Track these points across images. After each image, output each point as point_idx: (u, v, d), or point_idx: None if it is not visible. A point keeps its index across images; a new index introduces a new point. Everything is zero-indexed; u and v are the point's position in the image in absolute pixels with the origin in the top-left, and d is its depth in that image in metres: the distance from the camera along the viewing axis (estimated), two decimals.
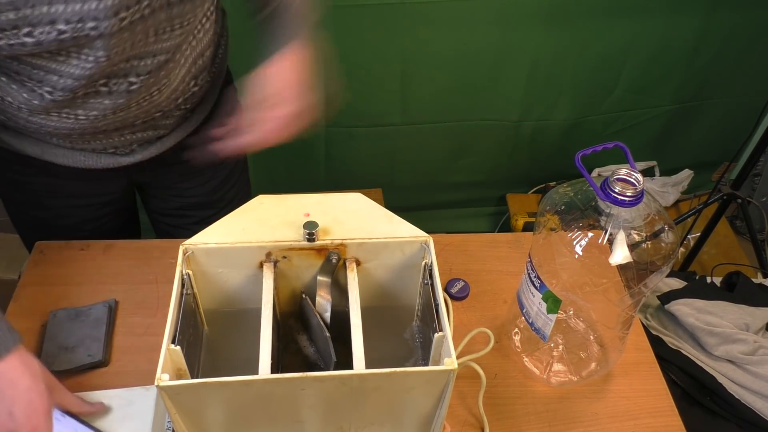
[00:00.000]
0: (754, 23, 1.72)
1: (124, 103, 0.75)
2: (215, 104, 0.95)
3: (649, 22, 1.65)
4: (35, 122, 0.76)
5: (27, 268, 0.90)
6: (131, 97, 0.75)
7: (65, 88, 0.69)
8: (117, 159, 0.88)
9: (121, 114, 0.78)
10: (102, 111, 0.75)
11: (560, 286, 0.72)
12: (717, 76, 1.84)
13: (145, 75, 0.73)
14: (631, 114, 1.87)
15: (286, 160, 1.77)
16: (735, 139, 1.77)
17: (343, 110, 1.70)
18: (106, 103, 0.74)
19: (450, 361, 0.58)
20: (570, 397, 0.81)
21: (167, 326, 0.59)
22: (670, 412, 0.81)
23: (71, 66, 0.66)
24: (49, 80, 0.68)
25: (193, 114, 0.92)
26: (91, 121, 0.76)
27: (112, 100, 0.74)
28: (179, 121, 0.90)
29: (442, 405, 0.63)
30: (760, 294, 1.48)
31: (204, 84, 0.89)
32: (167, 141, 0.90)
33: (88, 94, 0.72)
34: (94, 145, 0.84)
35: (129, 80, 0.73)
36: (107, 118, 0.77)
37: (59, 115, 0.75)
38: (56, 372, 0.77)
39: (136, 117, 0.81)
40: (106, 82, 0.72)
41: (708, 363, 1.34)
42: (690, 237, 1.89)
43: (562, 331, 0.85)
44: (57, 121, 0.76)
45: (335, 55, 0.86)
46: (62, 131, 0.78)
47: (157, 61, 0.73)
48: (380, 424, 0.66)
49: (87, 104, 0.74)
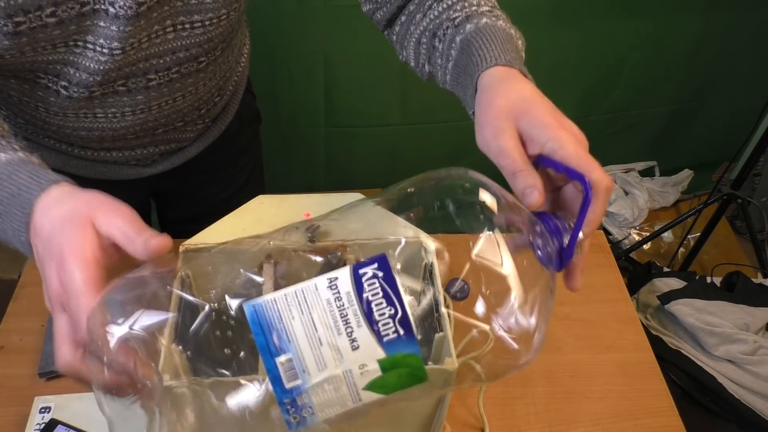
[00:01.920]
0: (754, 23, 1.73)
1: (144, 101, 0.74)
2: (236, 114, 0.94)
3: (649, 22, 1.66)
4: (54, 123, 0.75)
5: (27, 268, 0.90)
6: (150, 96, 0.73)
7: (81, 83, 0.67)
8: (139, 170, 0.87)
9: (141, 116, 0.76)
10: (120, 109, 0.73)
11: None
12: (717, 76, 1.84)
13: (164, 71, 0.72)
14: (631, 114, 1.87)
15: (286, 160, 1.77)
16: (735, 139, 1.78)
17: (343, 110, 1.70)
18: (125, 100, 0.72)
19: (450, 361, 0.58)
20: (570, 397, 0.81)
21: (167, 326, 0.59)
22: (670, 412, 0.81)
23: (87, 59, 0.65)
24: (66, 74, 0.67)
25: (214, 124, 0.91)
26: (109, 120, 0.75)
27: (131, 97, 0.72)
28: (201, 131, 0.90)
29: (442, 405, 0.63)
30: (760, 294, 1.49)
31: (226, 95, 0.88)
32: (189, 151, 0.90)
33: (106, 94, 0.71)
34: (116, 156, 0.84)
35: (147, 77, 0.71)
36: (126, 118, 0.75)
37: (77, 116, 0.73)
38: (56, 372, 0.77)
39: (157, 123, 0.79)
40: (125, 82, 0.70)
41: (708, 363, 1.34)
42: (690, 237, 1.89)
43: None
44: (75, 121, 0.74)
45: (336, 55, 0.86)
46: (81, 133, 0.77)
47: (176, 58, 0.71)
48: (380, 424, 0.66)
49: (105, 102, 0.72)
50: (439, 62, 0.66)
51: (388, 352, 0.41)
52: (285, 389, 0.41)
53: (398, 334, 0.41)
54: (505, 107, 0.52)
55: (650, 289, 1.56)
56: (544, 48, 1.62)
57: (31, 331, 0.82)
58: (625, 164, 2.05)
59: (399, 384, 0.42)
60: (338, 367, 0.41)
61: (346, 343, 0.40)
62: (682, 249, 1.90)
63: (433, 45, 0.66)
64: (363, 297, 0.41)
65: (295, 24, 1.50)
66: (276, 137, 1.66)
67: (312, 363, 0.40)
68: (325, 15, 1.49)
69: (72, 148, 0.82)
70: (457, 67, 0.62)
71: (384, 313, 0.40)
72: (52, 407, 0.73)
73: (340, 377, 0.41)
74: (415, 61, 0.71)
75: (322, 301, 0.41)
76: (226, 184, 1.03)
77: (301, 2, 1.46)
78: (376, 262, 0.41)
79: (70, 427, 0.72)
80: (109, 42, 0.63)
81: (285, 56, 1.56)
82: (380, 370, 0.41)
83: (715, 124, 1.96)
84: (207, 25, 0.70)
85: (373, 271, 0.41)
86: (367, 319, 0.40)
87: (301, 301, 0.41)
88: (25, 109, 0.74)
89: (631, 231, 2.01)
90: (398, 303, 0.41)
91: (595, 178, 0.47)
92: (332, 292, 0.41)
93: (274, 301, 0.41)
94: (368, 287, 0.41)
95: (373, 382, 0.41)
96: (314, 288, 0.41)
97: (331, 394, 0.41)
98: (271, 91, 1.61)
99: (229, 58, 0.83)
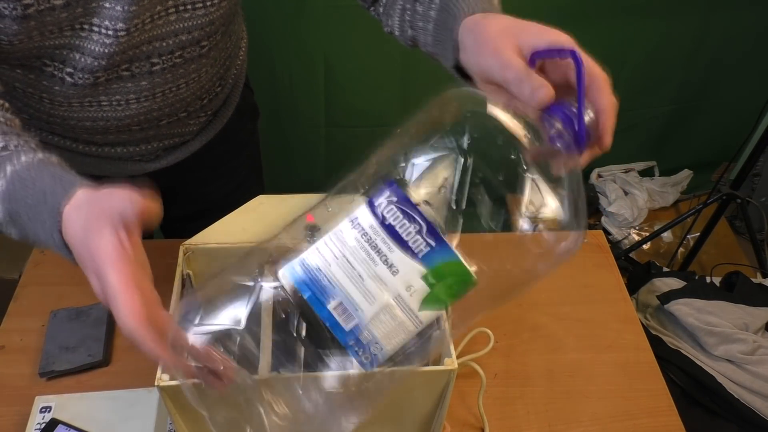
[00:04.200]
0: (754, 23, 1.73)
1: (148, 88, 0.74)
2: (236, 109, 0.95)
3: (649, 22, 1.66)
4: (58, 115, 0.75)
5: (27, 268, 0.91)
6: (154, 83, 0.74)
7: (86, 68, 0.68)
8: (142, 166, 0.88)
9: (146, 104, 0.76)
10: (125, 96, 0.74)
11: None
12: (717, 76, 1.84)
13: (168, 55, 0.72)
14: (631, 114, 1.87)
15: (286, 160, 1.77)
16: (734, 139, 1.78)
17: (343, 110, 1.70)
18: (129, 86, 0.73)
19: (450, 361, 0.58)
20: (570, 397, 0.81)
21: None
22: (670, 411, 0.81)
23: (92, 42, 0.66)
24: (71, 59, 0.67)
25: (216, 117, 0.92)
26: (114, 109, 0.75)
27: (135, 83, 0.73)
28: (203, 124, 0.90)
29: (442, 405, 0.63)
30: (760, 294, 1.49)
31: (227, 86, 0.89)
32: (192, 145, 0.91)
33: (110, 80, 0.71)
34: (121, 152, 0.84)
35: (151, 61, 0.72)
36: (131, 106, 0.75)
37: (81, 104, 0.74)
38: (57, 372, 0.77)
39: (161, 113, 0.79)
40: (129, 66, 0.71)
41: (707, 363, 1.34)
42: (689, 237, 1.89)
43: None
44: (79, 111, 0.74)
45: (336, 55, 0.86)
46: (86, 123, 0.77)
47: (179, 41, 0.72)
48: (380, 424, 0.66)
49: (109, 89, 0.72)
50: (420, 24, 0.67)
51: (427, 266, 0.43)
52: (346, 332, 0.43)
53: (430, 246, 0.43)
54: (501, 28, 0.54)
55: (650, 288, 1.56)
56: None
57: (32, 331, 0.82)
58: (624, 164, 2.05)
59: (451, 294, 0.44)
60: (386, 294, 0.43)
61: (385, 270, 0.43)
62: (682, 249, 1.90)
63: (415, 9, 0.68)
64: (386, 224, 0.43)
65: (295, 24, 1.50)
66: (276, 137, 1.66)
67: (361, 299, 0.43)
68: (326, 15, 1.49)
69: (76, 144, 0.82)
70: (438, 26, 0.64)
71: (410, 231, 0.43)
72: (52, 407, 0.73)
73: (392, 304, 0.43)
74: (400, 29, 0.72)
75: (350, 241, 0.43)
76: (226, 179, 1.03)
77: (301, 2, 1.46)
78: (387, 189, 0.44)
79: (71, 426, 0.72)
80: (114, 23, 0.64)
81: (285, 56, 1.56)
82: (427, 286, 0.43)
83: (715, 124, 1.96)
84: (208, 6, 0.71)
85: (387, 199, 0.43)
86: (396, 241, 0.43)
87: (332, 248, 0.43)
88: (29, 102, 0.74)
89: (631, 231, 2.01)
90: (419, 218, 0.43)
91: (588, 67, 0.48)
92: (357, 231, 0.43)
93: (309, 256, 0.44)
94: (387, 214, 0.43)
95: (425, 299, 0.43)
96: (340, 233, 0.44)
97: (390, 324, 0.43)
98: (271, 91, 1.61)
99: (228, 44, 0.84)
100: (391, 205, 0.43)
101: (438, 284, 0.43)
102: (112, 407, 0.75)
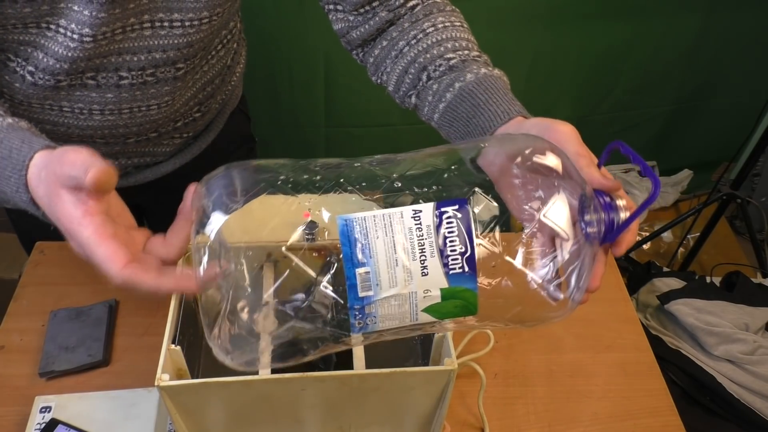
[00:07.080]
0: (754, 23, 1.73)
1: (114, 101, 0.72)
2: (221, 132, 0.92)
3: (649, 22, 1.66)
4: (17, 114, 0.72)
5: (27, 268, 0.91)
6: (121, 97, 0.72)
7: (47, 69, 0.66)
8: None
9: (111, 118, 0.74)
10: (88, 105, 0.71)
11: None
12: (717, 76, 1.84)
13: (138, 71, 0.70)
14: (631, 114, 1.87)
15: None
16: (734, 139, 1.78)
17: (343, 110, 1.70)
18: (93, 96, 0.71)
19: (450, 361, 0.58)
20: (570, 397, 0.81)
21: (167, 326, 0.59)
22: (670, 411, 0.81)
23: (56, 43, 0.64)
24: (34, 58, 0.65)
25: (195, 141, 0.89)
26: (76, 117, 0.73)
27: (100, 94, 0.71)
28: (179, 147, 0.87)
29: (442, 405, 0.63)
30: (760, 294, 1.49)
31: (209, 112, 0.86)
32: (164, 167, 0.87)
33: (74, 86, 0.69)
34: None
35: (119, 74, 0.70)
36: (94, 117, 0.73)
37: (42, 107, 0.72)
38: (57, 372, 0.77)
39: (128, 130, 0.77)
40: (95, 75, 0.69)
41: (707, 363, 1.34)
42: (689, 237, 1.89)
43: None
44: (39, 113, 0.72)
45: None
46: (45, 126, 0.74)
47: (152, 58, 0.70)
48: (380, 424, 0.66)
49: (72, 96, 0.70)
50: (429, 99, 0.70)
51: (451, 284, 0.46)
52: (358, 297, 0.46)
53: (463, 270, 0.46)
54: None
55: (650, 288, 1.56)
56: (544, 48, 1.62)
57: (32, 330, 0.82)
58: (625, 164, 2.05)
59: (452, 312, 0.47)
60: (406, 287, 0.46)
61: (418, 269, 0.45)
62: (682, 249, 1.91)
63: (420, 79, 0.70)
64: (440, 232, 0.46)
65: (295, 24, 1.50)
66: (276, 137, 1.66)
67: (385, 279, 0.45)
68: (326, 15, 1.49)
69: None
70: (451, 111, 0.67)
71: (455, 249, 0.45)
72: (52, 407, 0.73)
73: (405, 296, 0.46)
74: (396, 87, 0.74)
75: (405, 228, 0.46)
76: None
77: (301, 2, 1.46)
78: (458, 204, 0.46)
79: (71, 426, 0.72)
80: (81, 27, 0.62)
81: (285, 56, 1.56)
82: (440, 297, 0.46)
83: (715, 124, 1.96)
84: (187, 26, 0.69)
85: (453, 212, 0.46)
86: (440, 252, 0.45)
87: (387, 225, 0.46)
88: None
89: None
90: (469, 243, 0.46)
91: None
92: (415, 222, 0.46)
93: (364, 219, 0.46)
94: (446, 224, 0.46)
95: (431, 306, 0.47)
96: (400, 216, 0.46)
97: (394, 309, 0.47)
98: (271, 91, 1.61)
99: (211, 71, 0.81)
100: (454, 220, 0.46)
101: (449, 300, 0.47)
102: (112, 407, 0.75)
